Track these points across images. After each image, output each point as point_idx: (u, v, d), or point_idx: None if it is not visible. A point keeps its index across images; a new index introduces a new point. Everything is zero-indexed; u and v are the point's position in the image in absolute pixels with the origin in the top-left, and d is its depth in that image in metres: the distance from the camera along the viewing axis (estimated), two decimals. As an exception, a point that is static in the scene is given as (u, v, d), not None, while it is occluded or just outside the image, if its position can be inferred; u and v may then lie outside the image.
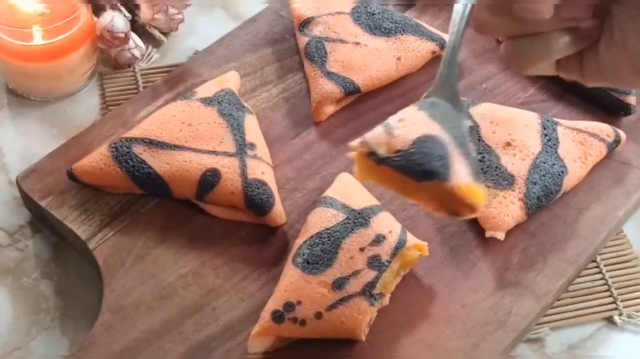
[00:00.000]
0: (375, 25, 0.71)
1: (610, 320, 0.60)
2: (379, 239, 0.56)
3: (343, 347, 0.54)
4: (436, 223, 0.61)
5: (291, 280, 0.54)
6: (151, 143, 0.62)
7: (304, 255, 0.55)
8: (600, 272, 0.61)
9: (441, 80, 0.50)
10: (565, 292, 0.60)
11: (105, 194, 0.62)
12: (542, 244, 0.60)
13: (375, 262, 0.55)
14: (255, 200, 0.60)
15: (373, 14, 0.71)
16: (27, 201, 0.63)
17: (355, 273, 0.54)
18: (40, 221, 0.64)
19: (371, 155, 0.46)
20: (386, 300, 0.55)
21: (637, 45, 0.41)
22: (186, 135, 0.62)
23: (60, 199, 0.62)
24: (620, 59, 0.42)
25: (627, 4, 0.41)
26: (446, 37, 0.72)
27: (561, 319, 0.59)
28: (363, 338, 0.54)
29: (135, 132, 0.63)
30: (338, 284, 0.54)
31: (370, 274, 0.54)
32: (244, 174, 0.60)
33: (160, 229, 0.60)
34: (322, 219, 0.57)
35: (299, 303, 0.53)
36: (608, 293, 0.60)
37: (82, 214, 0.61)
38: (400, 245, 0.56)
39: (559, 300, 0.59)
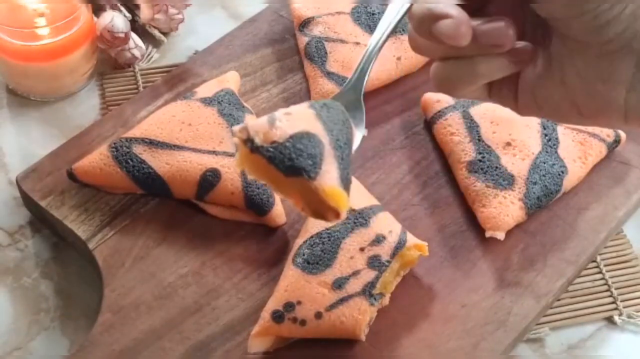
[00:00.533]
0: (375, 25, 0.71)
1: (610, 320, 0.60)
2: (379, 239, 0.56)
3: (343, 347, 0.54)
4: (436, 223, 0.61)
5: (291, 280, 0.54)
6: (151, 143, 0.62)
7: (304, 255, 0.55)
8: (600, 272, 0.61)
9: (348, 85, 0.52)
10: (565, 292, 0.60)
11: (105, 194, 0.62)
12: (542, 244, 0.60)
13: (375, 262, 0.55)
14: (255, 200, 0.60)
15: (373, 14, 0.71)
16: (27, 201, 0.63)
17: (355, 273, 0.54)
18: (40, 221, 0.64)
19: (247, 142, 0.46)
20: (386, 300, 0.55)
21: (575, 81, 0.40)
22: (186, 135, 0.62)
23: (60, 199, 0.62)
24: (557, 93, 0.41)
25: (568, 38, 0.40)
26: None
27: (561, 319, 0.59)
28: (363, 338, 0.54)
29: (136, 132, 0.63)
30: (338, 284, 0.54)
31: (370, 274, 0.54)
32: (244, 174, 0.60)
33: (160, 229, 0.60)
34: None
35: (299, 303, 0.53)
36: (608, 293, 0.60)
37: (82, 214, 0.61)
38: (400, 245, 0.56)
39: (559, 300, 0.59)
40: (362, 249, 0.55)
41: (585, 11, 0.38)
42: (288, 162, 0.45)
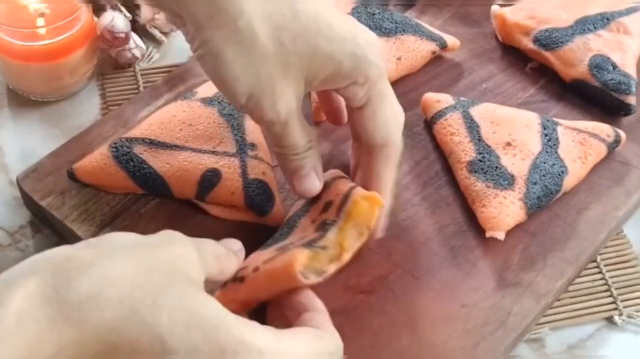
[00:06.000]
0: (375, 25, 0.71)
1: (610, 320, 0.60)
2: (327, 207, 0.53)
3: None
4: (436, 223, 0.61)
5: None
6: (152, 143, 0.62)
7: (265, 245, 0.54)
8: (600, 272, 0.61)
9: None
10: (565, 292, 0.60)
11: (106, 194, 0.62)
12: (542, 244, 0.60)
13: (321, 227, 0.52)
14: (255, 200, 0.60)
15: (373, 15, 0.71)
16: (28, 201, 0.63)
17: (302, 239, 0.52)
18: (40, 221, 0.64)
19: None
20: (346, 257, 0.50)
21: None
22: (186, 135, 0.62)
23: (60, 199, 0.62)
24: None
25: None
26: (446, 37, 0.72)
27: (561, 319, 0.59)
28: (302, 280, 0.48)
29: (136, 132, 0.63)
30: (281, 248, 0.52)
31: (314, 236, 0.51)
32: (244, 174, 0.60)
33: (161, 229, 0.60)
34: (292, 211, 0.57)
35: (244, 268, 0.51)
36: (608, 293, 0.61)
37: (82, 214, 0.61)
38: (344, 202, 0.52)
39: (558, 300, 0.59)
40: (313, 222, 0.53)
41: None
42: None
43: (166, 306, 0.39)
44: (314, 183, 0.54)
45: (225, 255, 0.49)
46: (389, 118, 0.53)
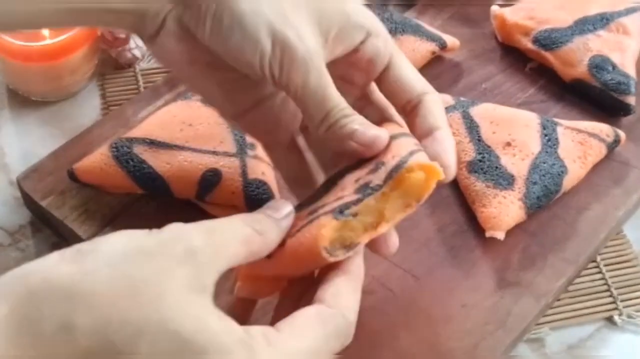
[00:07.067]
0: (375, 25, 0.71)
1: (610, 320, 0.60)
2: (377, 167, 0.45)
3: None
4: (436, 223, 0.61)
5: None
6: (152, 143, 0.62)
7: (301, 205, 0.48)
8: (600, 272, 0.61)
9: None
10: (565, 292, 0.60)
11: (106, 194, 0.62)
12: (542, 244, 0.60)
13: (363, 189, 0.44)
14: (255, 200, 0.60)
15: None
16: (28, 201, 0.63)
17: (337, 201, 0.44)
18: (41, 221, 0.64)
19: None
20: (383, 228, 0.44)
21: None
22: (187, 135, 0.62)
23: (60, 199, 0.62)
24: None
25: None
26: (446, 37, 0.72)
27: (561, 319, 0.59)
28: (325, 255, 0.42)
29: (136, 132, 0.63)
30: (312, 211, 0.45)
31: (351, 198, 0.44)
32: (244, 174, 0.60)
33: (161, 229, 0.60)
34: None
35: None
36: (608, 293, 0.61)
37: (82, 214, 0.61)
38: (397, 167, 0.44)
39: (558, 300, 0.59)
40: (357, 181, 0.45)
41: None
42: None
43: (148, 333, 0.35)
44: (379, 130, 0.46)
45: (257, 234, 0.42)
46: (416, 71, 0.50)
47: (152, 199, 0.62)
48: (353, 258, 0.44)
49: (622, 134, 0.65)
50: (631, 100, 0.67)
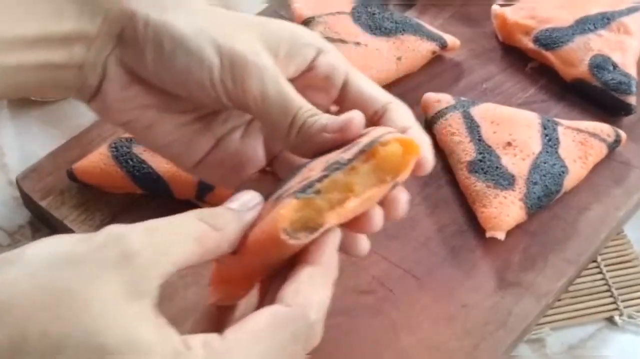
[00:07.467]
0: (375, 25, 0.71)
1: (610, 320, 0.59)
2: (350, 148, 0.41)
3: (342, 347, 0.54)
4: (436, 223, 0.61)
5: None
6: (151, 143, 0.62)
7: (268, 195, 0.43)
8: (600, 272, 0.61)
9: None
10: (566, 292, 0.60)
11: (106, 194, 0.62)
12: (542, 244, 0.60)
13: (330, 167, 0.39)
14: (255, 200, 0.59)
15: (373, 14, 0.71)
16: (27, 201, 0.63)
17: (303, 181, 0.40)
18: (40, 221, 0.64)
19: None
20: (351, 204, 0.39)
21: None
22: (186, 135, 0.62)
23: (60, 199, 0.62)
24: None
25: None
26: (446, 37, 0.72)
27: (562, 320, 0.59)
28: (287, 241, 0.38)
29: (136, 132, 0.63)
30: (278, 197, 0.40)
31: (317, 176, 0.39)
32: (244, 174, 0.60)
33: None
34: None
35: None
36: (608, 293, 0.60)
37: (82, 214, 0.61)
38: (371, 143, 0.40)
39: (559, 300, 0.59)
40: (327, 161, 0.41)
41: None
42: None
43: (69, 347, 0.32)
44: (351, 112, 0.44)
45: (212, 230, 0.39)
46: (375, 84, 0.48)
47: (152, 199, 0.62)
48: (323, 248, 0.39)
49: (623, 134, 0.65)
50: (632, 100, 0.67)
